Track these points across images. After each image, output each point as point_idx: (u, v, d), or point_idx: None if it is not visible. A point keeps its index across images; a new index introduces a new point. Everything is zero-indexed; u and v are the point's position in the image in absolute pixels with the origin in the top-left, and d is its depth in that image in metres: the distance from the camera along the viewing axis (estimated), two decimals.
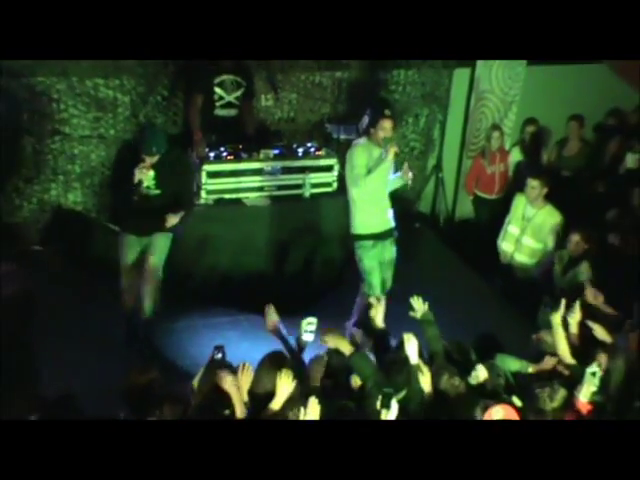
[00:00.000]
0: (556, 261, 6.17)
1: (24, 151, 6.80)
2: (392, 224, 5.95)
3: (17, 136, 6.74)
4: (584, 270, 5.84)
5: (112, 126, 6.98)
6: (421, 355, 4.50)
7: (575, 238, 5.96)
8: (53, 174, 6.95)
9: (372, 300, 5.00)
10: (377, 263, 5.91)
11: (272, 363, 4.15)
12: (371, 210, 5.79)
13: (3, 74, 6.42)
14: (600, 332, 4.84)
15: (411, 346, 4.43)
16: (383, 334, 4.92)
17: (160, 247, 5.71)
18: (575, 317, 4.88)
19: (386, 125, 5.61)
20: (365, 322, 5.18)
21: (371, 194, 5.71)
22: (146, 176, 5.48)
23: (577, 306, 4.93)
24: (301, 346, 4.63)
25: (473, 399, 4.19)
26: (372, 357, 4.52)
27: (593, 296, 5.30)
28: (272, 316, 4.68)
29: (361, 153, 5.67)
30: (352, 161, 5.68)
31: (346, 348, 4.45)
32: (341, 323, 5.75)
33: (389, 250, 5.98)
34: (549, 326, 4.87)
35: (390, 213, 5.94)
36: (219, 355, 4.31)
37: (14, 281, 4.95)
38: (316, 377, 4.38)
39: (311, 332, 4.60)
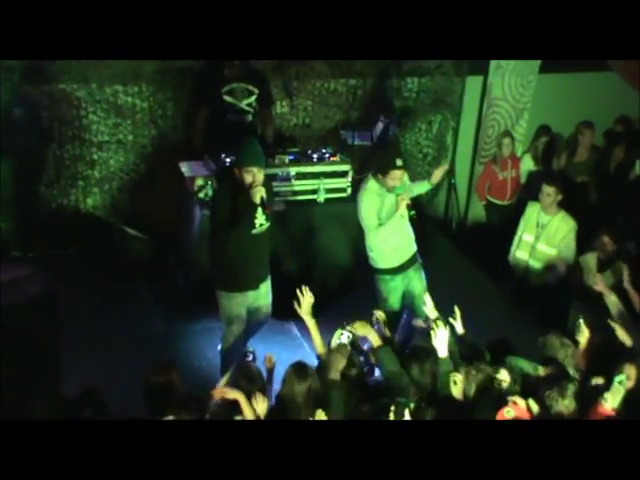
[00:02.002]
0: (583, 266, 6.13)
1: (45, 157, 6.89)
2: (413, 250, 5.77)
3: (38, 142, 6.83)
4: (620, 269, 5.79)
5: (131, 132, 7.07)
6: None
7: (605, 239, 5.94)
8: (73, 179, 7.04)
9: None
10: (397, 294, 5.74)
11: (297, 374, 4.15)
12: (387, 249, 5.62)
13: (24, 81, 6.51)
14: (621, 333, 4.83)
15: (439, 337, 4.37)
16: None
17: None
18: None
19: (397, 175, 5.40)
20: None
21: (387, 239, 5.57)
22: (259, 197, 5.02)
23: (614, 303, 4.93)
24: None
25: (489, 398, 4.20)
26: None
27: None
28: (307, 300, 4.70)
29: (369, 203, 5.47)
30: (362, 210, 5.50)
31: (375, 339, 4.40)
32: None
33: (415, 278, 5.76)
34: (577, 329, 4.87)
35: (410, 242, 5.75)
36: (250, 358, 4.33)
37: (35, 284, 4.99)
38: (336, 368, 4.31)
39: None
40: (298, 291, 4.76)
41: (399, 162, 5.42)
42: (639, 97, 7.34)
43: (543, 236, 6.46)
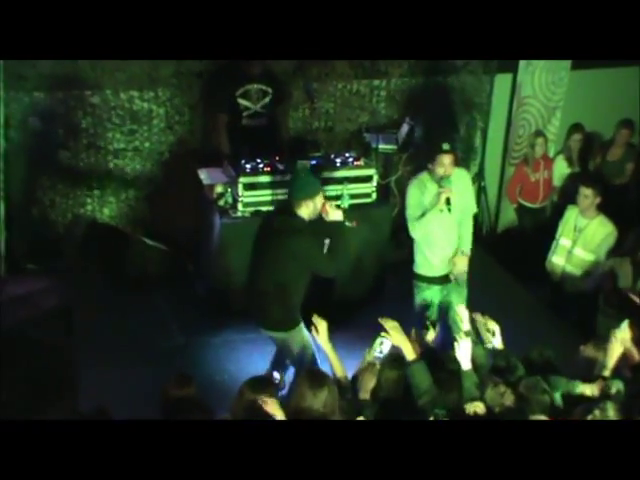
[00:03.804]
0: (617, 270, 6.02)
1: (59, 165, 6.92)
2: None
3: (52, 150, 6.87)
4: None
5: (147, 139, 7.08)
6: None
7: None
8: (88, 188, 7.06)
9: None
10: (433, 304, 5.71)
11: (313, 381, 4.05)
12: (428, 252, 5.63)
13: (38, 89, 6.56)
14: None
15: (463, 350, 4.34)
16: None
17: None
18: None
19: (445, 160, 5.41)
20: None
21: (428, 236, 5.56)
22: None
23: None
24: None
25: (520, 412, 4.13)
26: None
27: None
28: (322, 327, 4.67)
29: (415, 192, 5.53)
30: (407, 199, 5.58)
31: (409, 352, 4.35)
32: None
33: (456, 292, 5.74)
34: (607, 337, 4.78)
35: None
36: (276, 375, 4.33)
37: (51, 297, 5.02)
38: (366, 388, 4.27)
39: (381, 353, 4.50)
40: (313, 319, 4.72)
41: (445, 146, 5.43)
42: None
43: (580, 240, 6.37)
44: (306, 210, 5.00)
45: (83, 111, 6.84)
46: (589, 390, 4.45)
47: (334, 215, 5.10)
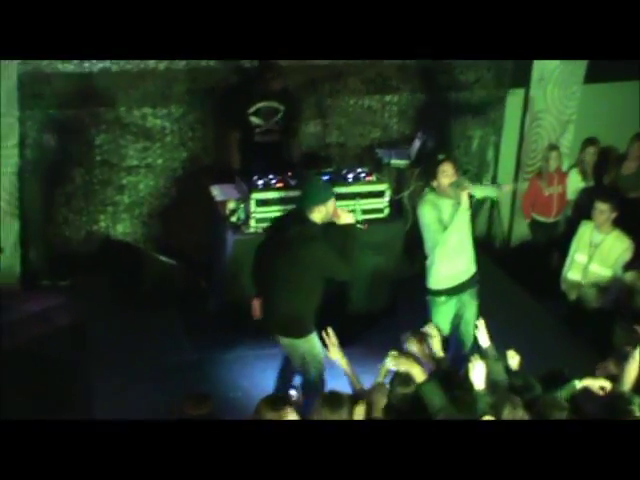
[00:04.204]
0: (634, 284, 6.02)
1: (73, 182, 7.02)
2: (473, 271, 5.74)
3: (66, 167, 6.95)
4: None
5: (160, 155, 7.16)
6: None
7: None
8: (102, 205, 7.14)
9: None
10: (448, 318, 5.70)
11: (332, 403, 4.10)
12: (450, 263, 5.60)
13: (52, 106, 6.66)
14: None
15: (477, 371, 4.36)
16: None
17: None
18: None
19: (446, 168, 5.46)
20: None
21: (454, 247, 5.56)
22: None
23: None
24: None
25: None
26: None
27: None
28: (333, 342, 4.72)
29: (429, 210, 5.52)
30: (423, 220, 5.56)
31: (418, 374, 4.38)
32: None
33: (469, 306, 5.74)
34: (625, 352, 4.80)
35: (471, 261, 5.72)
36: (293, 393, 4.36)
37: (65, 313, 5.09)
38: (378, 408, 4.31)
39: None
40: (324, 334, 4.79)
41: (440, 156, 5.57)
42: None
43: (596, 256, 6.34)
44: (319, 215, 5.09)
45: (97, 128, 6.93)
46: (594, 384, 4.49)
47: (346, 218, 5.18)
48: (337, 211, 5.18)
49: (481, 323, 4.89)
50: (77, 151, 6.94)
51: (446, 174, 5.45)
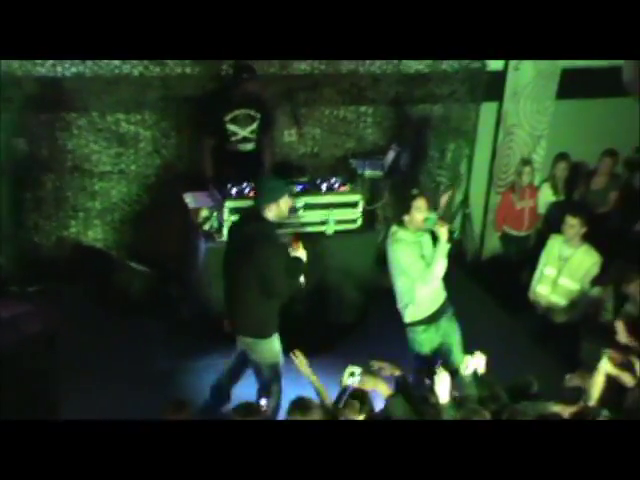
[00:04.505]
0: (606, 298, 6.10)
1: (44, 188, 6.97)
2: (444, 296, 5.69)
3: (37, 172, 6.91)
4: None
5: (133, 162, 7.13)
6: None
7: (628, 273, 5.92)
8: (73, 211, 7.10)
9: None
10: (431, 345, 5.63)
11: (299, 409, 4.17)
12: (423, 294, 5.53)
13: (23, 111, 6.61)
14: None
15: (442, 383, 4.44)
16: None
17: None
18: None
19: (419, 204, 5.39)
20: None
21: (438, 278, 5.51)
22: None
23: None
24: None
25: None
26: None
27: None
28: (302, 360, 4.76)
29: (407, 250, 5.41)
30: (401, 261, 5.42)
31: (384, 390, 4.44)
32: (366, 363, 5.78)
33: (450, 330, 5.69)
34: (592, 366, 4.89)
35: (440, 287, 5.66)
36: (263, 402, 4.40)
37: (34, 320, 5.04)
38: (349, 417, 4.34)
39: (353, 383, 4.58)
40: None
41: (414, 191, 5.53)
42: None
43: (565, 270, 6.45)
44: (271, 214, 5.19)
45: (69, 133, 6.89)
46: (565, 410, 4.55)
47: (300, 254, 5.29)
48: (296, 244, 5.31)
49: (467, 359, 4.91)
50: (48, 156, 6.90)
51: (420, 210, 5.39)
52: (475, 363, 4.88)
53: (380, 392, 4.44)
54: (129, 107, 6.97)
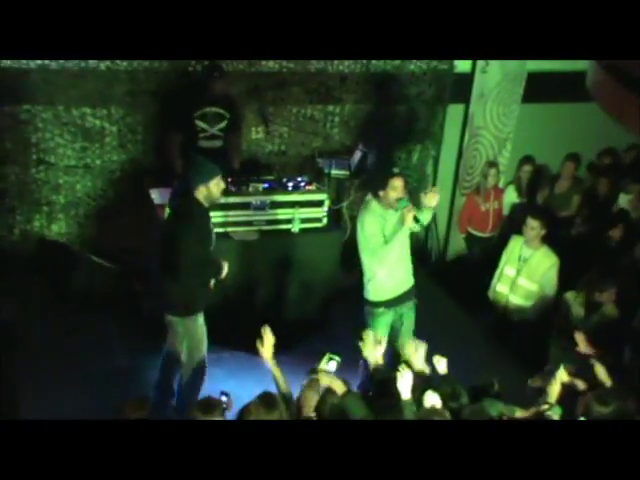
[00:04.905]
0: (570, 302, 6.21)
1: (7, 180, 6.93)
2: (411, 283, 5.85)
3: (1, 165, 6.87)
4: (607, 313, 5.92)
5: (99, 156, 7.12)
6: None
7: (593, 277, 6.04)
8: (37, 204, 7.08)
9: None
10: (386, 330, 5.78)
11: (264, 404, 4.21)
12: (388, 276, 5.67)
13: None
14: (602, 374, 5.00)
15: (404, 381, 4.51)
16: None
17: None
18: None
19: (397, 184, 5.50)
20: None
21: (395, 259, 5.65)
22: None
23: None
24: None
25: None
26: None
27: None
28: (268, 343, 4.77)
29: (371, 221, 5.55)
30: (365, 230, 5.57)
31: (339, 387, 4.51)
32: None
33: (406, 317, 5.86)
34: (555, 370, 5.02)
35: (409, 273, 5.83)
36: (223, 398, 4.43)
37: None
38: (309, 405, 4.41)
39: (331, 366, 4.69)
40: (260, 331, 4.85)
41: (396, 169, 5.65)
42: (623, 129, 7.53)
43: (524, 270, 6.56)
44: (201, 195, 5.24)
45: (34, 126, 6.86)
46: (524, 415, 4.66)
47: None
48: (216, 193, 5.32)
49: (419, 345, 5.00)
50: (12, 149, 6.87)
51: (395, 189, 5.51)
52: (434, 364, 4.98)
53: (335, 389, 4.49)
54: (95, 101, 6.96)
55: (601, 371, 4.99)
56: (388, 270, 5.67)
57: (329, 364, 4.69)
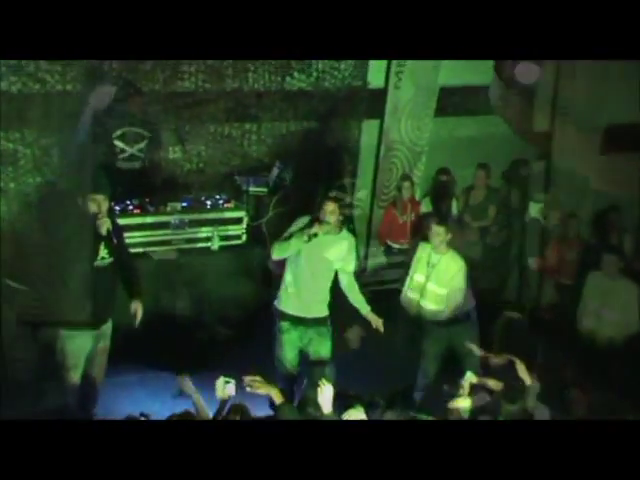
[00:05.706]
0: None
1: None
2: (323, 313, 5.94)
3: None
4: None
5: (13, 179, 7.07)
6: None
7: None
8: None
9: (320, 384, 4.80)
10: (293, 350, 5.90)
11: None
12: (293, 289, 5.83)
13: None
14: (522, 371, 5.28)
15: (325, 395, 4.67)
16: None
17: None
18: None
19: (329, 207, 5.74)
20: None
21: (296, 273, 5.80)
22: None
23: None
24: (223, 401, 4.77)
25: None
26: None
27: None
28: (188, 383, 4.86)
29: (301, 220, 5.79)
30: (294, 224, 5.81)
31: (277, 396, 4.65)
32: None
33: (317, 343, 5.93)
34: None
35: (325, 302, 5.94)
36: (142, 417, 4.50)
37: None
38: None
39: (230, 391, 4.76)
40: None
41: (332, 193, 6.04)
42: None
43: (433, 276, 6.74)
44: (93, 207, 5.30)
45: None
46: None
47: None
48: (90, 208, 5.33)
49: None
50: None
51: (333, 213, 5.75)
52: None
53: (274, 397, 4.62)
54: (8, 124, 6.91)
55: (521, 369, 5.25)
56: (298, 285, 5.79)
57: (227, 387, 4.76)
